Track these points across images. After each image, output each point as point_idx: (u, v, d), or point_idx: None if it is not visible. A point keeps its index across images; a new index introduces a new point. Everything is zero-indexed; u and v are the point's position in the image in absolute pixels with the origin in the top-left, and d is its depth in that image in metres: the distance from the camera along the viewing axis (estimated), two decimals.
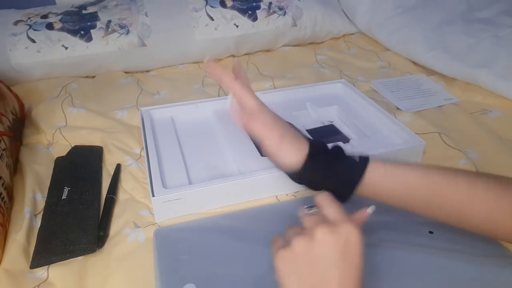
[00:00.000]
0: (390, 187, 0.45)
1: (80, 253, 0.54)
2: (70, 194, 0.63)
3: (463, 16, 1.08)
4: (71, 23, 1.01)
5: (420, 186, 0.44)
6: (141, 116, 0.77)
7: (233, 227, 0.56)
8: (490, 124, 0.80)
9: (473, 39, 0.97)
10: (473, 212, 0.42)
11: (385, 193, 0.46)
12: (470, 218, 0.43)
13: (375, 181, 0.45)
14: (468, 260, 0.48)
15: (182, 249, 0.52)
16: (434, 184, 0.43)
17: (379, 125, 0.75)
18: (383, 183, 0.45)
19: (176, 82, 0.99)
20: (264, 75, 1.02)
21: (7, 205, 0.59)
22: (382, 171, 0.45)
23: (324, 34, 1.21)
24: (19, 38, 0.97)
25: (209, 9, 1.08)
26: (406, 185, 0.44)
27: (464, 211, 0.43)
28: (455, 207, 0.43)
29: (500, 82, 0.87)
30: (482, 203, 0.42)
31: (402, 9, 1.17)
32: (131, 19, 1.04)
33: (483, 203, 0.42)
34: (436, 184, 0.43)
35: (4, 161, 0.63)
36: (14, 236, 0.56)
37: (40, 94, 0.93)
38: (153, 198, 0.57)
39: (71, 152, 0.74)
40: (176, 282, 0.47)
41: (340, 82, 0.90)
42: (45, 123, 0.81)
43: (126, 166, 0.70)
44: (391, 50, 1.13)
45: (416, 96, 0.91)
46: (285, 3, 1.14)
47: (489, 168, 0.67)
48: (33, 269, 0.52)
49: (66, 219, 0.59)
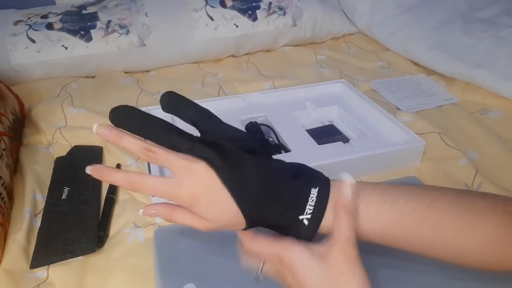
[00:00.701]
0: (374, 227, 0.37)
1: (80, 253, 0.54)
2: (70, 194, 0.63)
3: (463, 16, 1.08)
4: (71, 23, 1.01)
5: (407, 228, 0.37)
6: None
7: None
8: (490, 124, 0.80)
9: (473, 39, 0.97)
10: (474, 250, 0.37)
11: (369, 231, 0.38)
12: (471, 255, 0.37)
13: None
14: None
15: (182, 249, 0.52)
16: (424, 223, 0.37)
17: (379, 125, 0.75)
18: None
19: (176, 82, 0.99)
20: (264, 75, 1.02)
21: (7, 205, 0.59)
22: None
23: (324, 34, 1.21)
24: (19, 38, 0.97)
25: (209, 9, 1.08)
26: (391, 228, 0.37)
27: (465, 247, 0.37)
28: (454, 244, 0.37)
29: (500, 82, 0.87)
30: (483, 238, 0.36)
31: (402, 9, 1.17)
32: (131, 19, 1.04)
33: (485, 237, 0.36)
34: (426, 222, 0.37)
35: (4, 161, 0.63)
36: (14, 236, 0.56)
37: (40, 94, 0.93)
38: (153, 198, 0.57)
39: (71, 152, 0.74)
40: (176, 282, 0.47)
41: (340, 82, 0.90)
42: (45, 123, 0.81)
43: (126, 166, 0.70)
44: (391, 50, 1.13)
45: (416, 96, 0.91)
46: (285, 3, 1.14)
47: (489, 168, 0.67)
48: (33, 269, 0.52)
49: (66, 219, 0.59)
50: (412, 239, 0.37)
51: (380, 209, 0.37)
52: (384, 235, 0.38)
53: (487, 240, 0.36)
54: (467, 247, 0.37)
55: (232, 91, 0.95)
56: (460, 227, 0.36)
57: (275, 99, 0.84)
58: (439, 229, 0.37)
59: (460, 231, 0.36)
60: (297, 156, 0.66)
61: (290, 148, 0.70)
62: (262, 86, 0.96)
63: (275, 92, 0.86)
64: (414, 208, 0.37)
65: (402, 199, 0.37)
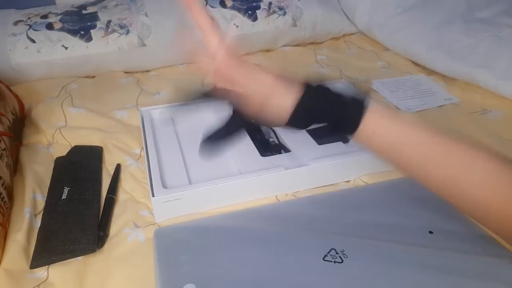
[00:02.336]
0: (384, 140, 0.42)
1: (80, 253, 0.54)
2: (70, 194, 0.63)
3: (463, 16, 1.08)
4: (71, 23, 1.01)
5: (418, 143, 0.42)
6: (141, 116, 0.77)
7: (233, 227, 0.56)
8: (490, 124, 0.80)
9: (473, 39, 0.97)
10: (470, 183, 0.40)
11: (378, 143, 0.43)
12: (465, 188, 0.40)
13: (368, 129, 0.43)
14: (468, 260, 0.48)
15: (182, 249, 0.52)
16: (434, 143, 0.41)
17: None
18: (377, 133, 0.43)
19: (176, 82, 0.99)
20: None
21: (7, 205, 0.60)
22: (378, 120, 0.43)
23: (324, 34, 1.21)
24: (19, 38, 0.97)
25: (209, 9, 1.08)
26: (402, 140, 0.42)
27: (461, 178, 0.40)
28: (452, 173, 0.41)
29: (500, 82, 0.87)
30: (482, 174, 0.39)
31: (402, 9, 1.17)
32: (131, 19, 1.04)
33: (483, 175, 0.39)
34: (436, 143, 0.41)
35: (4, 161, 0.63)
36: (14, 236, 0.56)
37: (40, 94, 0.93)
38: (153, 198, 0.57)
39: (71, 152, 0.74)
40: (176, 282, 0.47)
41: (340, 82, 0.90)
42: (45, 123, 0.81)
43: (126, 166, 0.70)
44: (391, 50, 1.13)
45: (416, 96, 0.91)
46: (285, 3, 1.14)
47: None
48: (32, 269, 0.52)
49: (66, 219, 0.59)
50: (420, 164, 0.42)
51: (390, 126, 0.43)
52: (392, 149, 0.43)
53: (485, 178, 0.39)
54: (466, 181, 0.40)
55: None
56: (463, 160, 0.40)
57: None
58: (444, 158, 0.41)
59: (462, 165, 0.40)
60: (297, 156, 0.66)
61: (290, 148, 0.70)
62: None
63: None
64: (422, 131, 0.42)
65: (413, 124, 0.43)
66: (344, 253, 0.49)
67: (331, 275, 0.46)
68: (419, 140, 0.42)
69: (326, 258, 0.48)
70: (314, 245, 0.51)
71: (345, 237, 0.52)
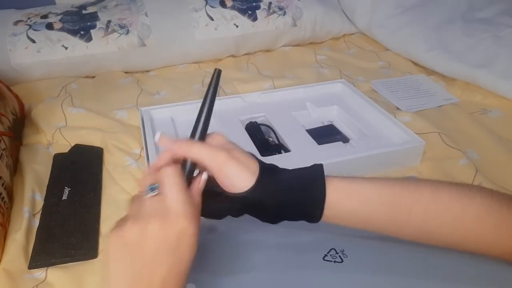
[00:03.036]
0: (350, 205, 0.40)
1: (81, 259, 0.54)
2: (71, 195, 0.63)
3: (463, 16, 1.08)
4: (71, 23, 1.01)
5: (382, 200, 0.39)
6: (141, 116, 0.77)
7: (233, 227, 0.56)
8: (490, 124, 0.80)
9: (473, 39, 0.97)
10: (439, 223, 0.39)
11: (345, 212, 0.40)
12: (437, 230, 0.40)
13: (332, 200, 0.39)
14: (467, 260, 0.48)
15: None
16: (397, 197, 0.39)
17: (379, 125, 0.75)
18: (341, 201, 0.40)
19: (176, 82, 0.99)
20: (264, 75, 1.02)
21: (7, 205, 0.59)
22: (339, 187, 0.40)
23: (324, 34, 1.21)
24: (19, 38, 0.97)
25: (209, 9, 1.08)
26: (368, 201, 0.40)
27: (430, 222, 0.40)
28: (420, 219, 0.39)
29: (500, 82, 0.87)
30: (447, 211, 0.39)
31: (402, 9, 1.17)
32: (131, 19, 1.04)
33: (448, 211, 0.39)
34: (399, 197, 0.40)
35: (4, 161, 0.63)
36: (14, 235, 0.56)
37: (40, 94, 0.93)
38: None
39: (72, 150, 0.73)
40: None
41: (340, 82, 0.90)
42: (45, 123, 0.81)
43: (126, 166, 0.70)
44: (391, 50, 1.13)
45: (416, 96, 0.90)
46: (285, 3, 1.14)
47: (489, 168, 0.67)
48: (31, 269, 0.52)
49: (67, 221, 0.59)
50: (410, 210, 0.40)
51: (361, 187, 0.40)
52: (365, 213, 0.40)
53: (483, 211, 0.39)
54: (465, 214, 0.39)
55: (232, 91, 0.95)
56: (457, 195, 0.39)
57: (275, 99, 0.84)
58: (437, 197, 0.40)
59: (457, 200, 0.39)
60: (297, 156, 0.66)
61: (290, 148, 0.70)
62: (262, 86, 0.96)
63: (275, 92, 0.86)
64: (404, 182, 0.41)
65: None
66: (344, 253, 0.49)
67: (331, 275, 0.46)
68: (382, 196, 0.40)
69: (326, 258, 0.48)
70: (314, 245, 0.51)
71: (345, 237, 0.52)
